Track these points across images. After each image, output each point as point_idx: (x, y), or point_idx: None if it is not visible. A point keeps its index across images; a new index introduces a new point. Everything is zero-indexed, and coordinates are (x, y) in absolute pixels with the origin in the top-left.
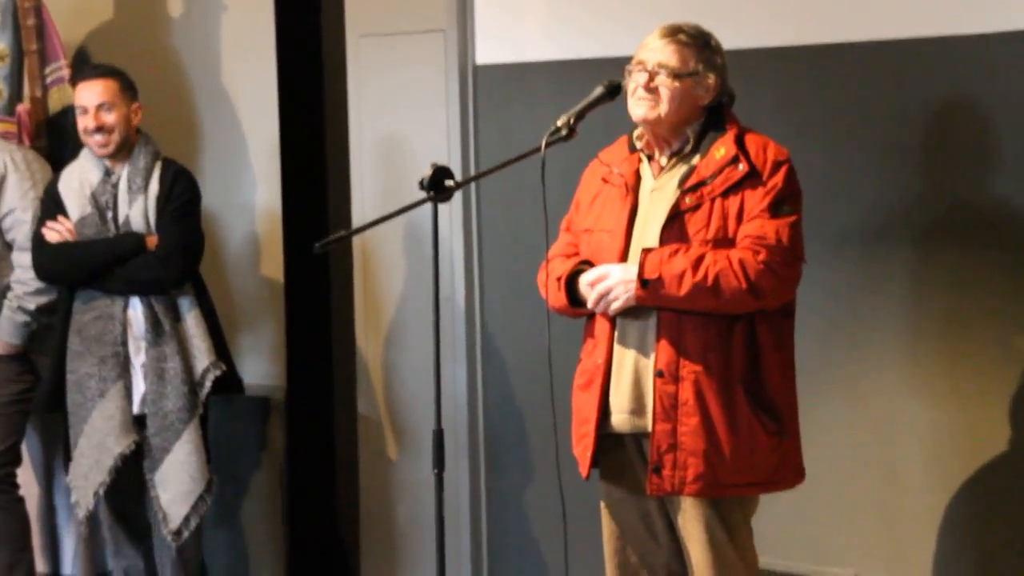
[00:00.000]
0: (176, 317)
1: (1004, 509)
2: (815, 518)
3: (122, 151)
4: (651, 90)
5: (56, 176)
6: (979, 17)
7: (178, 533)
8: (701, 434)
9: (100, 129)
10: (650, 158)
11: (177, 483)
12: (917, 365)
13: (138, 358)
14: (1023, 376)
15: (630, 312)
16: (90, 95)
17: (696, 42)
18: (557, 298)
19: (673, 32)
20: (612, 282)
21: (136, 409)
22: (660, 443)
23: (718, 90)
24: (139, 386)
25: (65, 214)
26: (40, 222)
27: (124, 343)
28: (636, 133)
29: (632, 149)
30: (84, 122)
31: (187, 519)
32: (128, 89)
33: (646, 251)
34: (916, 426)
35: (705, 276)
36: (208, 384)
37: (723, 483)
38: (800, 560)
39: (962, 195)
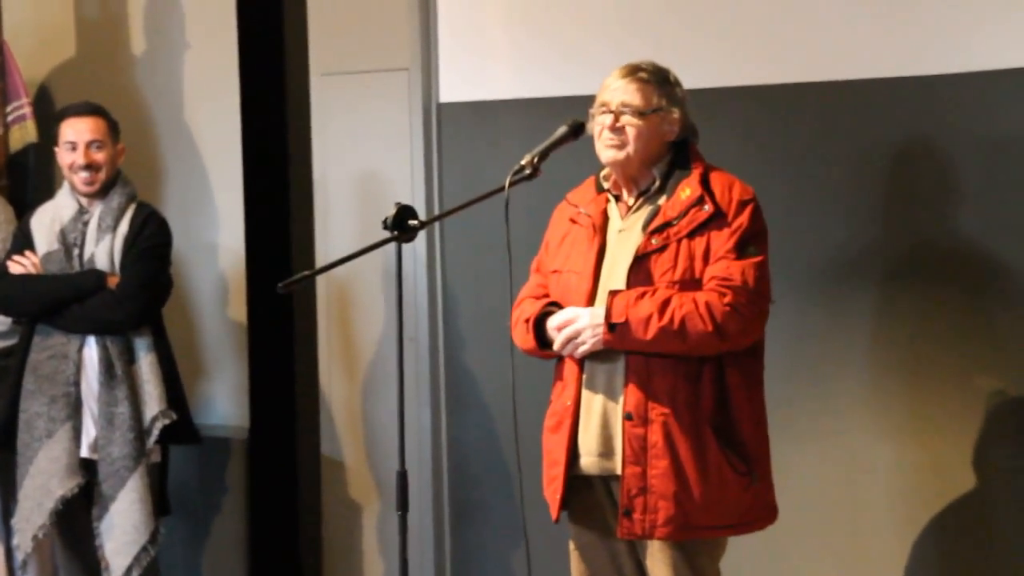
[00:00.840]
0: (130, 360)
1: (967, 547)
2: (781, 558)
3: (102, 190)
4: (617, 130)
5: (32, 211)
6: (937, 58)
7: None
8: (671, 476)
9: (89, 167)
10: (617, 198)
11: (121, 532)
12: (880, 404)
13: (90, 400)
14: (984, 415)
15: (598, 355)
16: (81, 131)
17: (656, 78)
18: (525, 340)
19: (633, 71)
20: (580, 326)
21: (85, 452)
22: (630, 486)
23: (683, 124)
24: (89, 429)
25: (33, 249)
26: (7, 255)
27: (76, 384)
28: (603, 173)
29: (600, 189)
30: (72, 158)
31: (129, 570)
32: (114, 130)
33: (612, 294)
34: (880, 465)
35: (671, 320)
36: (155, 432)
37: (694, 525)
38: None
39: (923, 234)
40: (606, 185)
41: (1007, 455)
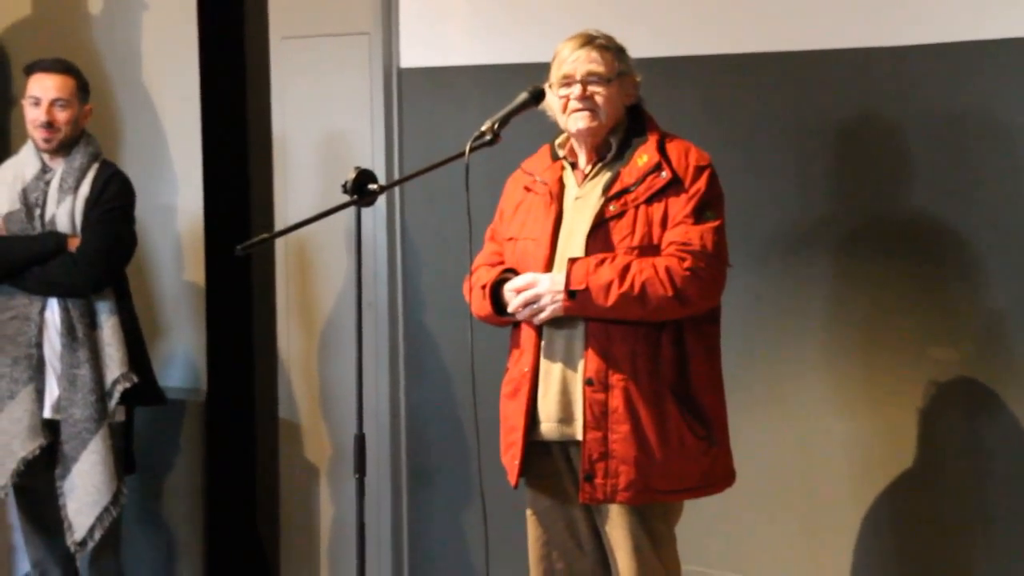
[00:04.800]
0: (92, 323)
1: (920, 517)
2: (736, 525)
3: (64, 149)
4: (586, 99)
5: None
6: (896, 30)
7: (82, 544)
8: (632, 441)
9: (49, 125)
10: (573, 166)
11: (84, 493)
12: (835, 373)
13: (53, 360)
14: (938, 386)
15: (556, 321)
16: (47, 88)
17: (611, 44)
18: (482, 306)
19: (589, 39)
20: (539, 290)
21: (48, 413)
22: (592, 451)
23: (637, 89)
24: (52, 390)
25: None
26: None
27: (39, 345)
28: (558, 141)
29: (555, 157)
30: (34, 114)
31: (91, 530)
32: (83, 90)
33: (572, 261)
34: (834, 434)
35: (632, 285)
36: (117, 394)
37: (654, 489)
38: (722, 568)
39: (880, 206)
40: (561, 153)
41: (959, 422)
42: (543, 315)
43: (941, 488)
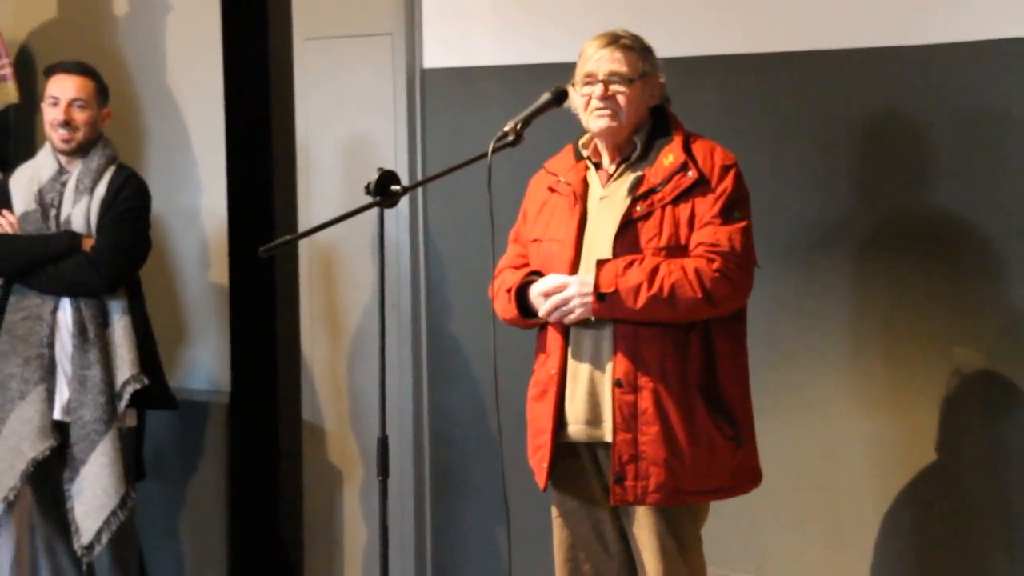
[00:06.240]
0: (104, 324)
1: (942, 517)
2: (760, 527)
3: (81, 151)
4: (608, 99)
5: (12, 170)
6: (919, 28)
7: (90, 547)
8: (661, 443)
9: (67, 124)
10: (597, 166)
11: (91, 496)
12: (858, 374)
13: (64, 362)
14: (961, 387)
15: (583, 323)
16: (66, 88)
17: (637, 45)
18: (508, 309)
19: (614, 39)
20: (569, 294)
21: (58, 415)
22: (622, 453)
23: (662, 90)
24: (63, 391)
25: (10, 208)
26: None
27: (51, 345)
28: (582, 141)
29: (579, 157)
30: (53, 114)
31: (99, 534)
32: (102, 92)
33: (600, 264)
34: (857, 435)
35: (661, 288)
36: (126, 397)
37: (684, 490)
38: (744, 571)
39: (902, 205)
40: (585, 153)
41: (982, 424)
42: (572, 316)
43: (964, 490)
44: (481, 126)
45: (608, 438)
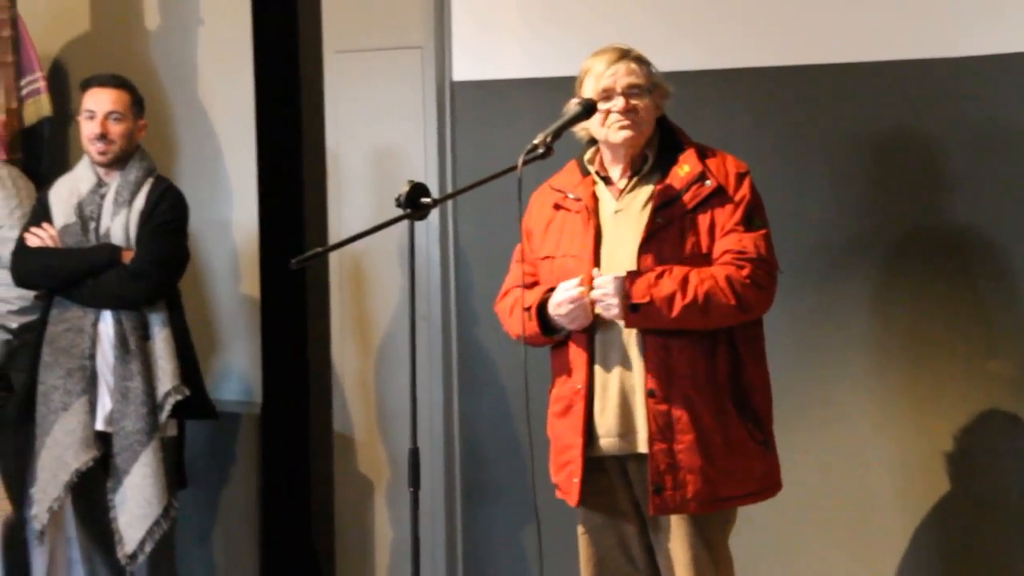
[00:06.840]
0: (145, 335)
1: (969, 531)
2: (787, 539)
3: (119, 163)
4: (629, 111)
5: (51, 183)
6: (928, 43)
7: (133, 556)
8: (697, 451)
9: (103, 137)
10: (605, 180)
11: (135, 506)
12: (880, 388)
13: (106, 373)
14: (988, 397)
15: (607, 335)
16: (102, 101)
17: (642, 58)
18: (528, 327)
19: (624, 53)
20: (608, 291)
21: (100, 425)
22: (659, 463)
23: (666, 100)
24: (105, 402)
25: (51, 221)
26: (26, 227)
27: (92, 357)
28: (587, 157)
29: (585, 172)
30: (89, 127)
31: (142, 543)
32: (138, 104)
33: (631, 276)
34: (880, 449)
35: (695, 296)
36: (168, 408)
37: (721, 497)
38: None
39: (922, 218)
40: (592, 168)
41: (1011, 436)
42: (613, 312)
43: (992, 503)
44: (510, 138)
45: (641, 449)
